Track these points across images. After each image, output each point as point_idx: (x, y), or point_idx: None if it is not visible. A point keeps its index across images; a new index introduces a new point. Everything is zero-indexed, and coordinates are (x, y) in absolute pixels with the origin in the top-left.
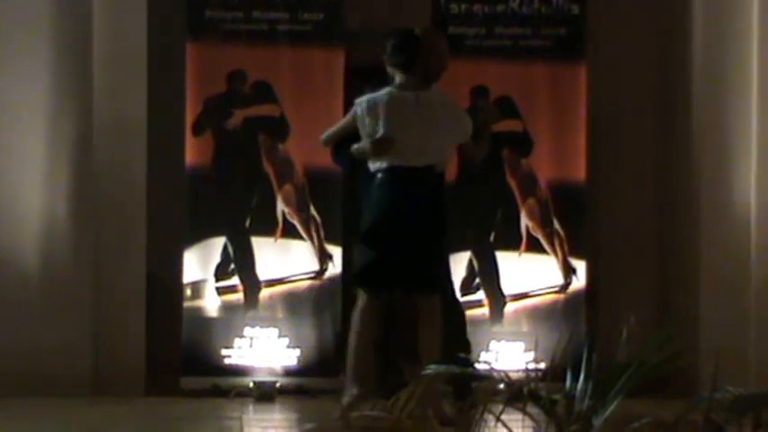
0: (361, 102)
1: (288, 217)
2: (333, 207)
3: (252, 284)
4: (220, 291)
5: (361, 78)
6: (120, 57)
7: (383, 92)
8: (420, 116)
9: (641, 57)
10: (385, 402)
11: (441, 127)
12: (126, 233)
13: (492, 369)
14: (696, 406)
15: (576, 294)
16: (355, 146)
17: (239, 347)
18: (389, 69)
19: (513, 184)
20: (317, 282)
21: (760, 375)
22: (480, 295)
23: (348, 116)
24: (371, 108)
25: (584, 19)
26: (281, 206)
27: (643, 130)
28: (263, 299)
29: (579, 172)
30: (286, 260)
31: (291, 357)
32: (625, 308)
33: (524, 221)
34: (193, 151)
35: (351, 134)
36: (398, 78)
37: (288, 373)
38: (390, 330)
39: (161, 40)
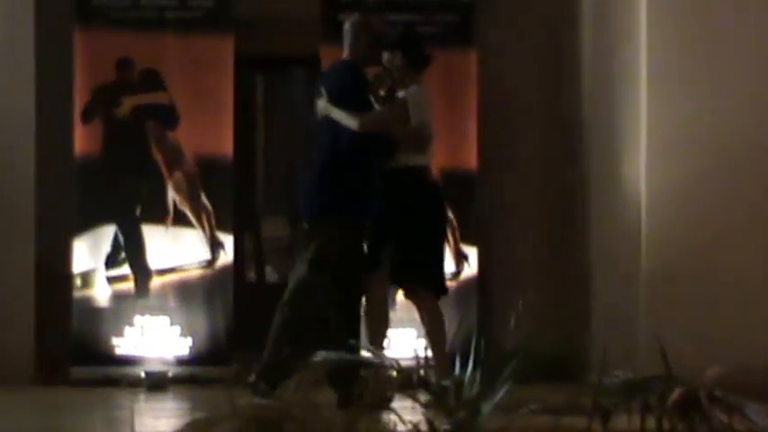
0: (418, 89)
1: (179, 205)
2: (224, 195)
3: (143, 273)
4: (111, 280)
5: (250, 66)
6: (6, 44)
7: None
8: None
9: (531, 43)
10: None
11: None
12: (14, 222)
13: (382, 357)
14: (585, 391)
15: (468, 281)
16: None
17: (130, 337)
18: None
19: None
20: (208, 270)
21: (649, 361)
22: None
23: (401, 104)
24: (424, 99)
25: (474, 6)
26: (171, 194)
27: (533, 117)
28: (154, 288)
29: (471, 159)
30: (177, 249)
31: (183, 346)
32: (516, 295)
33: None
34: (82, 140)
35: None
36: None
37: (179, 362)
38: None
39: (48, 27)
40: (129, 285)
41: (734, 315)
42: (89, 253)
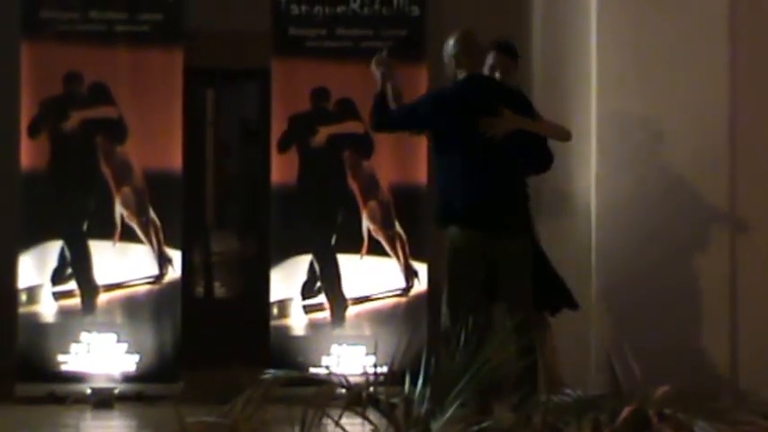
0: None
1: (126, 220)
2: (173, 210)
3: (89, 289)
4: (57, 295)
5: (200, 79)
6: None
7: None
8: None
9: None
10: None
11: None
12: None
13: (331, 373)
14: (535, 409)
15: (418, 297)
16: None
17: (76, 353)
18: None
19: (354, 186)
20: (156, 286)
21: (599, 378)
22: (322, 299)
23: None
24: None
25: (424, 20)
26: (119, 209)
27: None
28: (100, 304)
29: (420, 174)
30: (125, 264)
31: (130, 363)
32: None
33: (366, 224)
34: (29, 154)
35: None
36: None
37: (126, 379)
38: None
39: None
40: (75, 301)
41: (685, 331)
42: (35, 268)
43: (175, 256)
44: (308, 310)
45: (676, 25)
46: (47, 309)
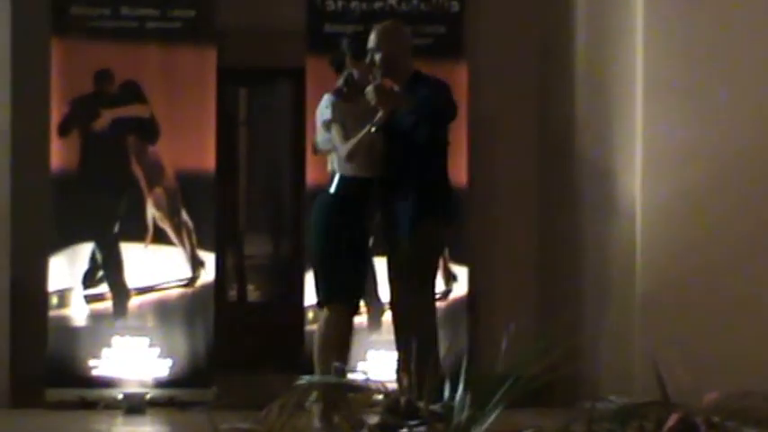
0: None
1: (158, 222)
2: (206, 212)
3: (121, 292)
4: (88, 299)
5: (233, 78)
6: None
7: None
8: None
9: (523, 55)
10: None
11: None
12: None
13: (368, 379)
14: (579, 416)
15: (458, 302)
16: None
17: (108, 358)
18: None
19: None
20: (188, 290)
21: (644, 384)
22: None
23: None
24: None
25: (463, 16)
26: (151, 211)
27: (525, 132)
28: (132, 307)
29: (461, 176)
30: (156, 267)
31: (162, 368)
32: (506, 316)
33: None
34: (59, 154)
35: None
36: None
37: (158, 384)
38: None
39: (24, 37)
40: (106, 305)
41: (733, 338)
42: (66, 271)
43: (208, 258)
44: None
45: (724, 23)
46: (78, 312)
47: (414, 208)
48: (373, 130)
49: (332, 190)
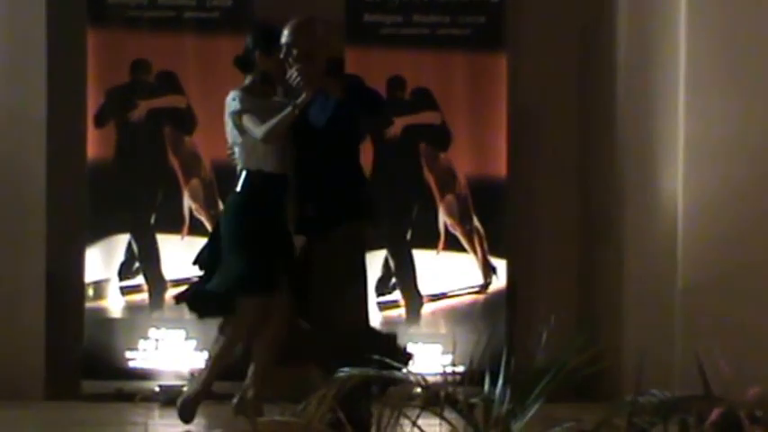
0: None
1: (195, 214)
2: None
3: (157, 284)
4: (124, 290)
5: None
6: (17, 44)
7: None
8: None
9: (563, 45)
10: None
11: None
12: (24, 230)
13: (408, 372)
14: (619, 410)
15: (496, 295)
16: None
17: (144, 350)
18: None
19: (430, 179)
20: None
21: (685, 378)
22: (396, 295)
23: None
24: None
25: (503, 6)
26: (187, 202)
27: (565, 124)
28: (168, 299)
29: (500, 167)
30: (193, 259)
31: (199, 360)
32: (546, 309)
33: (442, 218)
34: (95, 144)
35: None
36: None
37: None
38: None
39: (61, 27)
40: (143, 296)
41: None
42: (102, 262)
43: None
44: (382, 307)
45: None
46: (114, 304)
47: (327, 208)
48: (296, 112)
49: (238, 188)
